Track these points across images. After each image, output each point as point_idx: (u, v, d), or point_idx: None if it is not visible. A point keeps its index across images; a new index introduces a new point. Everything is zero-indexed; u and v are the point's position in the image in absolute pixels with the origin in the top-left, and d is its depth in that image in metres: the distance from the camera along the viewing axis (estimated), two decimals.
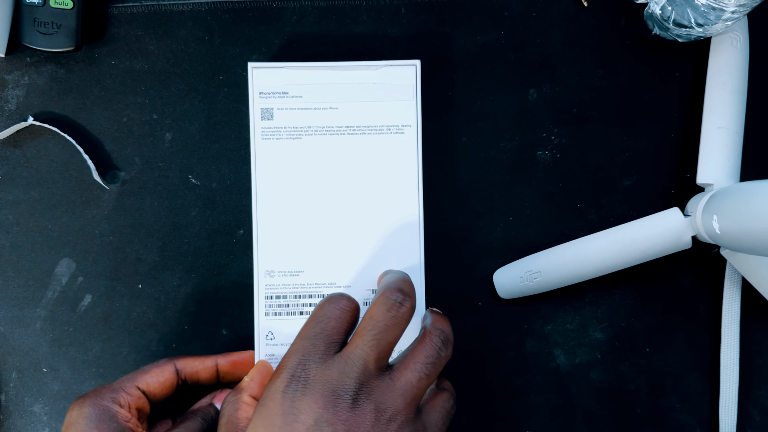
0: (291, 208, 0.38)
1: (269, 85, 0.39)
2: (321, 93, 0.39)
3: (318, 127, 0.39)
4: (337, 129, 0.39)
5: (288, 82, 0.39)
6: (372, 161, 0.39)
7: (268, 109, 0.39)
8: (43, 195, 0.42)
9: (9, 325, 0.41)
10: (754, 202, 0.33)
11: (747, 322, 0.42)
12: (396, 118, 0.39)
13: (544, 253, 0.41)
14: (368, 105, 0.39)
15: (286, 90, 0.39)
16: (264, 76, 0.39)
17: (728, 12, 0.38)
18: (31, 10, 0.41)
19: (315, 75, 0.39)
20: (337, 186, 0.39)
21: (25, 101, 0.42)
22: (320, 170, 0.39)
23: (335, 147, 0.39)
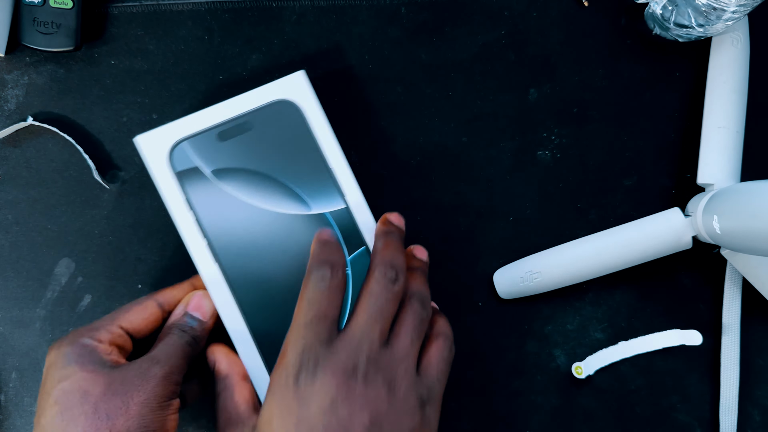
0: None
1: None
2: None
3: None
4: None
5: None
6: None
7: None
8: (43, 195, 0.42)
9: (8, 325, 0.41)
10: (754, 202, 0.33)
11: (747, 322, 0.42)
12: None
13: (544, 253, 0.41)
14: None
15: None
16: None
17: (729, 12, 0.38)
18: (31, 9, 0.41)
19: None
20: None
21: (24, 101, 0.42)
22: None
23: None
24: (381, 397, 0.29)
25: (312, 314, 0.30)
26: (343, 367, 0.29)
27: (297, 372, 0.29)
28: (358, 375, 0.29)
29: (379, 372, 0.30)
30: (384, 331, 0.31)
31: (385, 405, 0.29)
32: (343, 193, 0.36)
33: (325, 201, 0.36)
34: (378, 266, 0.32)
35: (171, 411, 0.32)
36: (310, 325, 0.30)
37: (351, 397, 0.29)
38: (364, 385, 0.29)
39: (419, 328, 0.32)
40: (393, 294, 0.32)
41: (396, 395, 0.30)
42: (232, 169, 0.36)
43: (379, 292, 0.31)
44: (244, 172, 0.36)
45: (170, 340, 0.33)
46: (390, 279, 0.32)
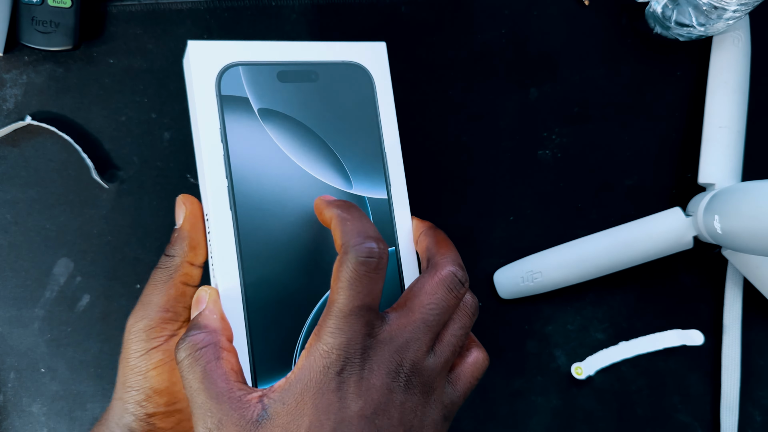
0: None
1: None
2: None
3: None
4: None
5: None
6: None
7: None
8: (41, 194, 0.42)
9: (7, 325, 0.41)
10: (755, 201, 0.33)
11: (748, 322, 0.42)
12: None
13: (544, 253, 0.41)
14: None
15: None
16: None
17: (730, 11, 0.38)
18: (30, 8, 0.41)
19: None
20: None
21: (23, 100, 0.42)
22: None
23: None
24: (416, 410, 0.27)
25: (359, 301, 0.26)
26: (387, 368, 0.26)
27: (341, 367, 0.25)
28: (400, 380, 0.26)
29: (420, 382, 0.27)
30: (435, 338, 0.28)
31: (419, 419, 0.27)
32: (389, 182, 0.32)
33: (368, 185, 0.32)
34: (448, 266, 0.29)
35: (152, 365, 0.29)
36: (356, 314, 0.26)
37: (391, 407, 0.26)
38: (404, 394, 0.26)
39: (463, 339, 0.29)
40: (455, 300, 0.28)
41: (427, 408, 0.27)
42: (281, 115, 0.31)
43: (443, 295, 0.28)
44: (294, 122, 0.31)
45: (154, 274, 0.31)
46: (458, 283, 0.28)
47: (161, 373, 0.29)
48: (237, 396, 0.25)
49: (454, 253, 0.30)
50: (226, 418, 0.25)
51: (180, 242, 0.31)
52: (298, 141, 0.31)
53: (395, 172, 0.32)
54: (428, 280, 0.28)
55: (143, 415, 0.29)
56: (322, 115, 0.31)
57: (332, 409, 0.25)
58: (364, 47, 0.32)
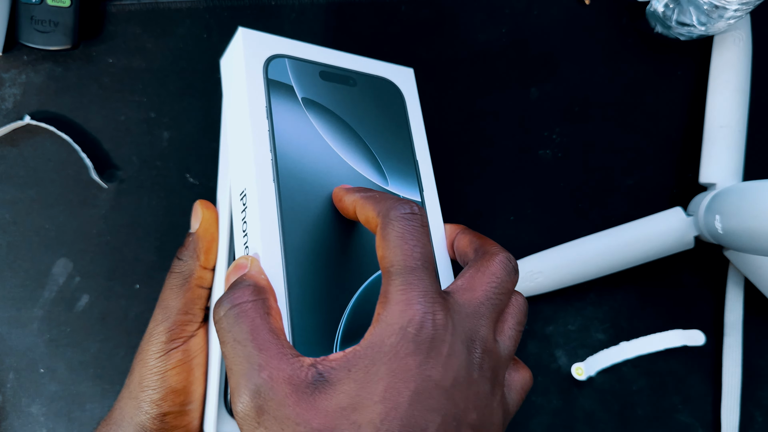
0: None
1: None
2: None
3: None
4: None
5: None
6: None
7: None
8: (40, 194, 0.42)
9: (6, 325, 0.41)
10: (757, 201, 0.33)
11: (750, 322, 0.41)
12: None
13: (545, 253, 0.41)
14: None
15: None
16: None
17: (731, 10, 0.38)
18: (28, 8, 0.41)
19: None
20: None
21: (22, 99, 0.42)
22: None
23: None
24: (487, 399, 0.23)
25: (419, 254, 0.23)
26: (463, 338, 0.23)
27: (418, 327, 0.22)
28: (474, 357, 0.23)
29: (489, 366, 0.24)
30: (497, 321, 0.25)
31: (489, 411, 0.23)
32: (422, 188, 0.33)
33: (402, 185, 0.32)
34: (501, 252, 0.26)
35: (170, 365, 0.30)
36: (421, 267, 0.23)
37: (467, 384, 0.22)
38: (478, 374, 0.23)
39: (519, 336, 0.26)
40: (512, 285, 0.26)
41: (494, 402, 0.24)
42: (323, 108, 0.32)
43: (504, 277, 0.25)
44: (335, 116, 0.32)
45: (168, 278, 0.32)
46: (513, 268, 0.26)
47: (180, 373, 0.30)
48: (289, 353, 0.23)
49: (499, 245, 0.28)
50: (277, 373, 0.22)
51: (194, 246, 0.32)
52: (339, 133, 0.32)
53: (427, 181, 0.33)
54: (486, 263, 0.26)
55: (158, 414, 0.30)
56: (361, 117, 0.33)
57: (410, 376, 0.21)
58: (395, 69, 0.35)
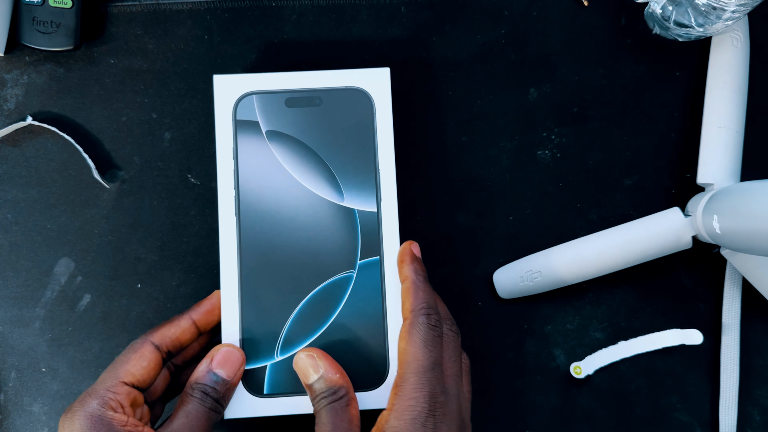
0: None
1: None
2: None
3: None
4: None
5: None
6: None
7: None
8: (42, 194, 0.42)
9: (8, 324, 0.41)
10: (754, 201, 0.33)
11: (747, 322, 0.42)
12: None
13: (544, 253, 0.41)
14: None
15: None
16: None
17: (729, 11, 0.38)
18: (30, 9, 0.41)
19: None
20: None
21: (24, 100, 0.42)
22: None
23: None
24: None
25: (433, 359, 0.32)
26: (455, 418, 0.32)
27: (426, 417, 0.31)
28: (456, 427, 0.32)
29: (454, 417, 0.32)
30: (462, 386, 0.35)
31: None
32: (380, 197, 0.37)
33: (359, 198, 0.36)
34: (420, 315, 0.33)
35: None
36: (433, 370, 0.32)
37: None
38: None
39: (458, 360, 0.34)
40: (459, 351, 0.35)
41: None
42: (286, 136, 0.37)
43: (433, 338, 0.33)
44: (295, 142, 0.37)
45: (191, 408, 0.32)
46: (436, 324, 0.33)
47: None
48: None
49: (428, 295, 0.34)
50: None
51: (228, 394, 0.34)
52: (298, 158, 0.37)
53: (387, 189, 0.37)
54: (413, 329, 0.33)
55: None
56: (323, 136, 0.37)
57: None
58: (368, 73, 0.37)
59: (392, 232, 0.36)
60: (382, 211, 0.36)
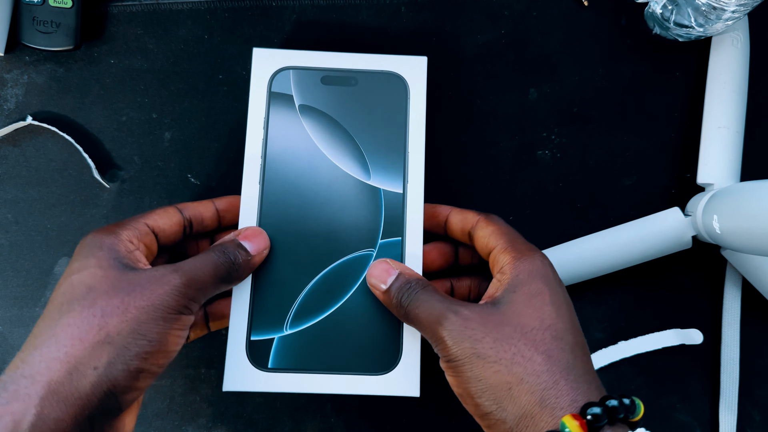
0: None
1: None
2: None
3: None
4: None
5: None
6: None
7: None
8: (42, 194, 0.42)
9: (8, 324, 0.41)
10: (754, 201, 0.33)
11: (747, 321, 0.42)
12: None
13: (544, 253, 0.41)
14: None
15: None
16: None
17: (729, 11, 0.38)
18: (31, 8, 0.41)
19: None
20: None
21: (24, 100, 0.42)
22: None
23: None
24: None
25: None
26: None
27: (552, 271, 0.33)
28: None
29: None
30: None
31: None
32: (407, 179, 0.36)
33: (387, 179, 0.36)
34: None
35: (176, 326, 0.30)
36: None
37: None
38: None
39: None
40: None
41: None
42: (318, 111, 0.37)
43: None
44: (327, 118, 0.37)
45: (204, 256, 0.32)
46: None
47: (179, 336, 0.31)
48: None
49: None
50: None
51: (246, 267, 0.34)
52: (329, 134, 0.37)
53: (414, 170, 0.37)
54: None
55: (137, 369, 0.29)
56: (355, 115, 0.37)
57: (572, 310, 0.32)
58: (404, 60, 0.38)
59: (416, 214, 0.36)
60: (408, 193, 0.36)
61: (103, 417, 0.28)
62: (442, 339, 0.30)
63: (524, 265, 0.32)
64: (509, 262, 0.32)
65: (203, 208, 0.36)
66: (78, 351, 0.28)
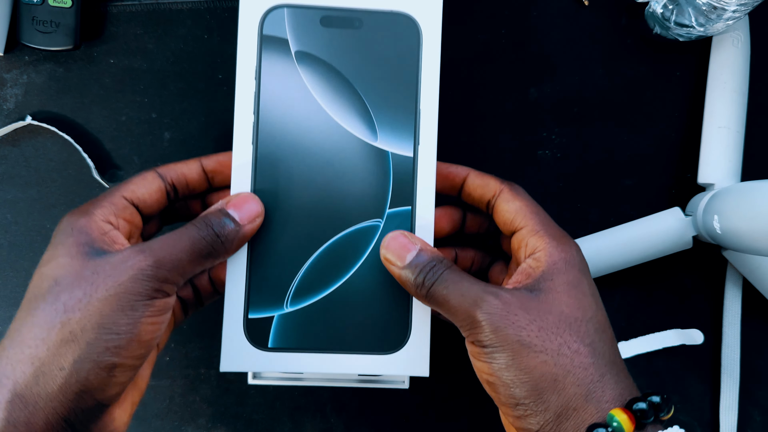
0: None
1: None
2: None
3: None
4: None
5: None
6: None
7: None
8: (42, 194, 0.42)
9: (7, 324, 0.41)
10: (755, 201, 0.33)
11: (748, 322, 0.42)
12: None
13: None
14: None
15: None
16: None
17: (729, 11, 0.38)
18: (30, 8, 0.41)
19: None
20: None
21: (23, 100, 0.42)
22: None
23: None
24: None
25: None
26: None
27: (582, 258, 0.31)
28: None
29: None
30: None
31: None
32: (418, 140, 0.32)
33: (396, 140, 0.32)
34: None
35: (148, 314, 0.27)
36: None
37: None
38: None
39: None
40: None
41: None
42: (318, 59, 0.32)
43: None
44: (328, 68, 0.32)
45: (181, 230, 0.29)
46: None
47: (154, 323, 0.28)
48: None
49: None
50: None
51: (239, 241, 0.31)
52: (330, 87, 0.32)
53: (426, 132, 0.32)
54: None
55: (109, 365, 0.27)
56: (360, 64, 0.32)
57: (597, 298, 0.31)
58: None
59: (428, 180, 0.32)
60: (419, 157, 0.32)
61: (83, 417, 0.26)
62: (479, 323, 0.28)
63: (560, 253, 0.30)
64: (543, 248, 0.30)
65: (187, 169, 0.33)
66: (42, 352, 0.26)
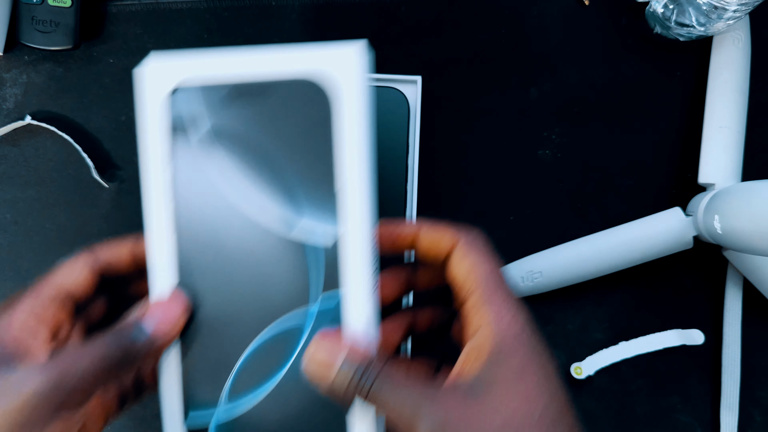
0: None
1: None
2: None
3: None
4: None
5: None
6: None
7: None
8: (41, 194, 0.42)
9: None
10: (755, 201, 0.33)
11: (748, 322, 0.42)
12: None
13: (544, 253, 0.41)
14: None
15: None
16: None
17: (730, 11, 0.38)
18: (30, 8, 0.41)
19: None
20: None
21: (23, 99, 0.42)
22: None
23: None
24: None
25: (503, 275, 0.30)
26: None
27: (531, 330, 0.28)
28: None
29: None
30: None
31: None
32: (344, 220, 0.27)
33: (315, 223, 0.27)
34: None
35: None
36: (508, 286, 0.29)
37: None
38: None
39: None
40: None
41: None
42: (229, 139, 0.28)
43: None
44: (241, 148, 0.28)
45: (92, 344, 0.26)
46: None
47: None
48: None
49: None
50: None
51: (151, 352, 0.28)
52: (244, 170, 0.28)
53: (353, 208, 0.27)
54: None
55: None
56: (274, 141, 0.28)
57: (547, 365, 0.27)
58: (328, 55, 0.26)
59: (359, 260, 0.27)
60: (345, 238, 0.27)
61: None
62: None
63: (506, 329, 0.27)
64: (488, 324, 0.27)
65: (117, 255, 0.30)
66: None
